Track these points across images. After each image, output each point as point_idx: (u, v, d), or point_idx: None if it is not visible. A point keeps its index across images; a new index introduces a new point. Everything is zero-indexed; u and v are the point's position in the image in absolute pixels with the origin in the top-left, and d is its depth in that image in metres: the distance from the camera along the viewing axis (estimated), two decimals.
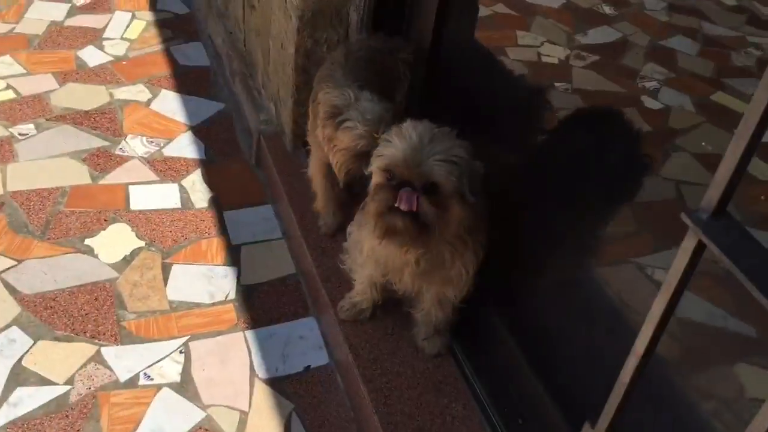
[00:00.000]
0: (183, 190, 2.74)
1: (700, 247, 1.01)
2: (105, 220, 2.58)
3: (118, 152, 2.86)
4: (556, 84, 2.47)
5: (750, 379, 1.75)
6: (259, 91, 3.04)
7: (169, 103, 3.14)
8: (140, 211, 2.63)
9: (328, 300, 2.24)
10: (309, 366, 2.23)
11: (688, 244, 1.02)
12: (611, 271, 2.06)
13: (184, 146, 2.94)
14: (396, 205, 1.64)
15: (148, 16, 3.66)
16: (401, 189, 1.64)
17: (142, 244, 2.52)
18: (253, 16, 3.00)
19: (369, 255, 1.99)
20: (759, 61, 2.05)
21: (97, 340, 2.21)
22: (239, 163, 2.91)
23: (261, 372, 2.19)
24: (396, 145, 1.66)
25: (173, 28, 3.60)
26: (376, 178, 1.75)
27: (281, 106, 2.78)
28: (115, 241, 2.51)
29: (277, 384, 2.17)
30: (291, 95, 2.63)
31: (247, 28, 3.10)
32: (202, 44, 3.52)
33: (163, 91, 3.20)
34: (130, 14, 3.65)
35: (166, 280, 2.41)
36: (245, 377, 2.17)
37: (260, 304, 2.38)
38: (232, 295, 2.40)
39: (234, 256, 2.53)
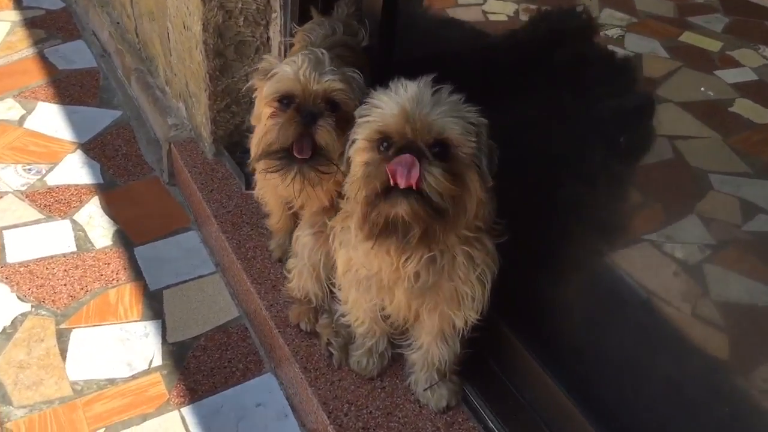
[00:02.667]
0: (77, 228, 2.11)
1: None
2: None
3: None
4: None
5: None
6: (162, 90, 2.41)
7: (49, 119, 2.48)
8: (20, 264, 1.98)
9: (289, 351, 1.66)
10: None
11: None
12: (628, 256, 1.64)
13: (74, 170, 2.29)
14: (391, 183, 1.15)
15: (12, 15, 2.97)
16: (399, 155, 1.17)
17: (26, 307, 1.87)
18: None
19: (346, 272, 1.44)
20: None
21: None
22: (148, 182, 2.29)
23: None
24: (388, 102, 1.22)
25: (46, 27, 2.93)
26: (362, 156, 1.23)
27: (193, 103, 2.17)
28: None
29: None
30: (204, 88, 2.03)
31: (138, 13, 2.47)
32: (84, 43, 2.86)
33: (40, 105, 2.53)
34: None
35: (64, 353, 1.78)
36: None
37: (198, 367, 1.78)
38: (158, 361, 1.79)
39: (155, 305, 1.92)
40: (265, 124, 1.44)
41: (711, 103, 1.62)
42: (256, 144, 1.48)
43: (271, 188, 1.65)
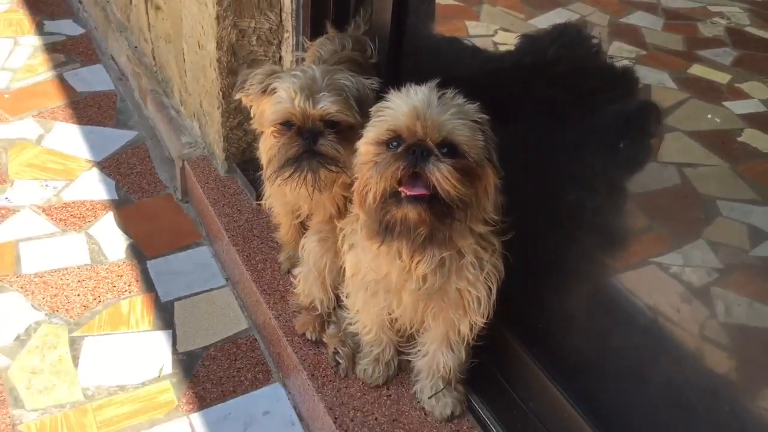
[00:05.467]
0: (92, 241, 2.15)
1: None
2: None
3: (2, 203, 2.25)
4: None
5: None
6: (177, 110, 2.48)
7: (67, 138, 2.54)
8: (35, 274, 2.03)
9: (297, 359, 1.68)
10: None
11: None
12: (634, 275, 1.64)
13: (89, 186, 2.35)
14: (400, 188, 1.21)
15: (34, 41, 3.06)
16: (409, 153, 1.21)
17: (40, 316, 1.91)
18: (160, 20, 2.45)
19: (354, 275, 1.47)
20: (728, 30, 1.77)
21: None
22: (162, 199, 2.34)
23: None
24: (399, 103, 1.27)
25: (66, 51, 3.02)
26: (372, 154, 1.27)
27: (206, 121, 2.23)
28: (3, 317, 1.89)
29: None
30: (217, 105, 2.09)
31: (155, 36, 2.55)
32: (103, 67, 2.94)
33: (58, 125, 2.60)
34: (11, 41, 3.04)
35: (76, 360, 1.81)
36: None
37: (207, 375, 1.80)
38: (168, 369, 1.81)
39: (166, 316, 1.95)
40: (269, 143, 1.51)
41: (719, 132, 1.65)
42: (264, 155, 1.54)
43: (280, 196, 1.70)
